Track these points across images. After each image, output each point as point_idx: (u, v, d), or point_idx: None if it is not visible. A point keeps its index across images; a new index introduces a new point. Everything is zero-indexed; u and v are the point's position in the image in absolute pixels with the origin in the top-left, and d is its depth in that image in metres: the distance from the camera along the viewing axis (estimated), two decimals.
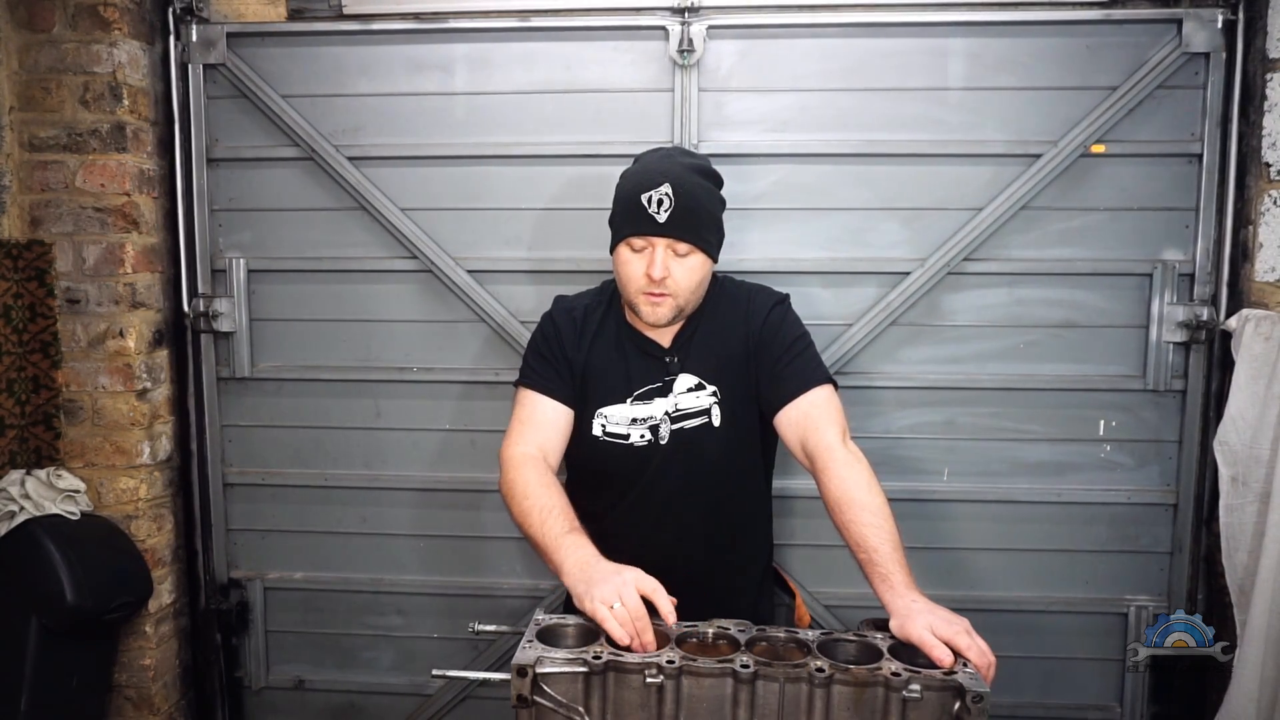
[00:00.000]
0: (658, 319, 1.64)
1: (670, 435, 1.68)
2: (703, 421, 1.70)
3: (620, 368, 1.71)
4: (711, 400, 1.70)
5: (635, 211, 1.60)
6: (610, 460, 1.71)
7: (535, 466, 1.62)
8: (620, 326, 1.75)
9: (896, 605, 1.39)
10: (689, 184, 1.61)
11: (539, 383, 1.72)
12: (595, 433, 1.71)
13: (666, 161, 1.65)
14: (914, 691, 1.21)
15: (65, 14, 2.13)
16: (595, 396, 1.71)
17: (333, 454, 2.39)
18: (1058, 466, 2.26)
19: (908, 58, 2.17)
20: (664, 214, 1.57)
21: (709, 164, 1.72)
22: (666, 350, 1.71)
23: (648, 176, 1.61)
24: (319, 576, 2.43)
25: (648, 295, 1.62)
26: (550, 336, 1.75)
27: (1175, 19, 2.10)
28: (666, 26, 2.18)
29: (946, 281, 2.21)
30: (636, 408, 1.69)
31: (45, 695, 2.08)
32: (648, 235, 1.59)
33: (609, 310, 1.77)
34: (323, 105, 2.27)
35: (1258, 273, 2.06)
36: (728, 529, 1.76)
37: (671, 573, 1.66)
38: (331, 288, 2.34)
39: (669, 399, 1.69)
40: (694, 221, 1.60)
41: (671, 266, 1.60)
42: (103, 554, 2.15)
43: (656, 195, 1.58)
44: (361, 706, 2.47)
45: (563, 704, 1.23)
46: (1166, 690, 2.28)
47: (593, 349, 1.73)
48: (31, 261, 2.17)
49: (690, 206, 1.59)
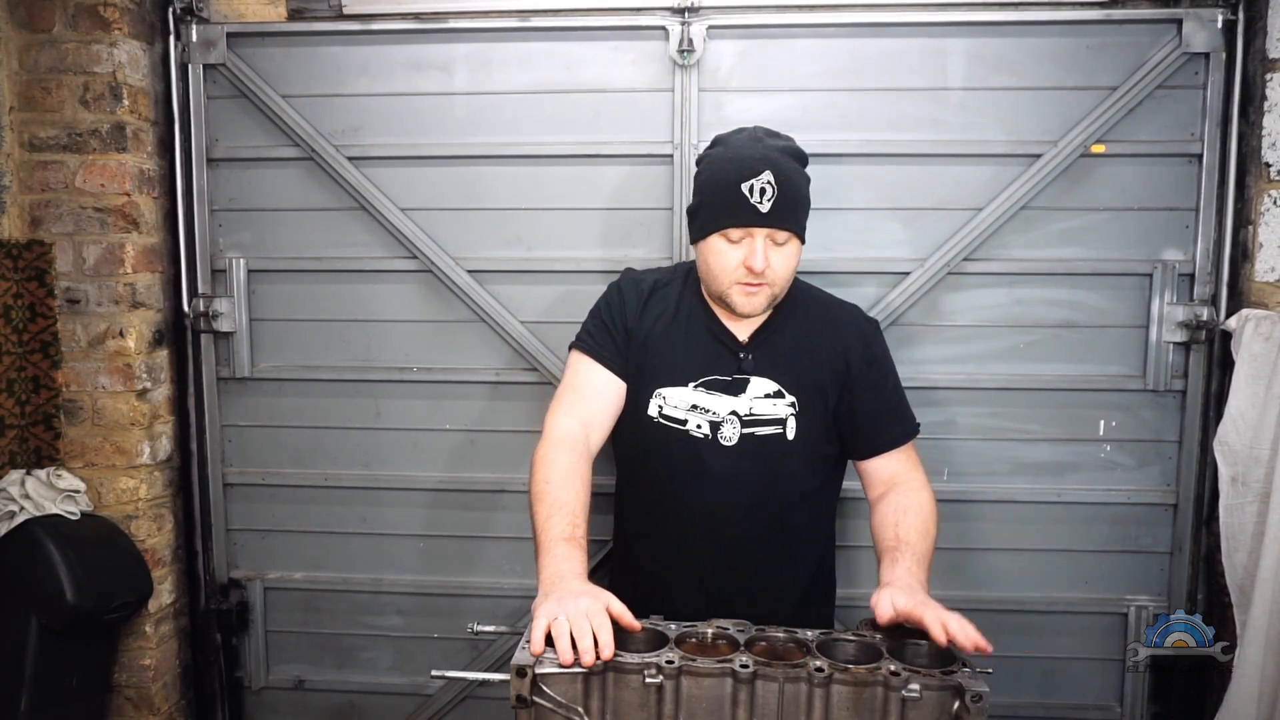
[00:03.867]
0: (755, 309, 1.59)
1: (740, 439, 1.61)
2: (777, 431, 1.63)
3: (686, 349, 1.65)
4: (789, 411, 1.63)
5: (735, 201, 1.52)
6: (663, 446, 1.63)
7: (572, 450, 1.54)
8: (694, 307, 1.68)
9: (885, 577, 1.42)
10: (788, 170, 1.55)
11: (595, 350, 1.65)
12: (650, 413, 1.63)
13: (761, 147, 1.57)
14: (913, 691, 1.21)
15: (65, 14, 2.13)
16: (655, 375, 1.64)
17: (333, 454, 2.39)
18: (1058, 466, 2.26)
19: (908, 58, 2.17)
20: (767, 203, 1.51)
21: (795, 143, 1.65)
22: (742, 346, 1.65)
23: (746, 164, 1.53)
24: (319, 576, 2.43)
25: (744, 285, 1.56)
26: (614, 305, 1.68)
27: (1175, 19, 2.10)
28: (666, 26, 2.18)
29: (947, 281, 2.21)
30: (699, 395, 1.61)
31: (45, 695, 2.08)
32: (750, 226, 1.53)
33: (684, 288, 1.70)
34: (323, 105, 2.27)
35: (1258, 273, 2.06)
36: (780, 544, 1.69)
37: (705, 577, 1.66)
38: (331, 288, 2.34)
39: (742, 399, 1.62)
40: (794, 209, 1.55)
41: (770, 256, 1.55)
42: (103, 554, 2.15)
43: (759, 184, 1.51)
44: (361, 706, 2.47)
45: (562, 704, 1.23)
46: (1166, 690, 2.28)
47: (657, 324, 1.66)
48: (31, 261, 2.17)
49: (792, 194, 1.54)
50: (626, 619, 1.31)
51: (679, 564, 1.67)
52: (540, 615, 1.26)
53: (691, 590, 1.64)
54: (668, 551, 1.67)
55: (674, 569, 1.66)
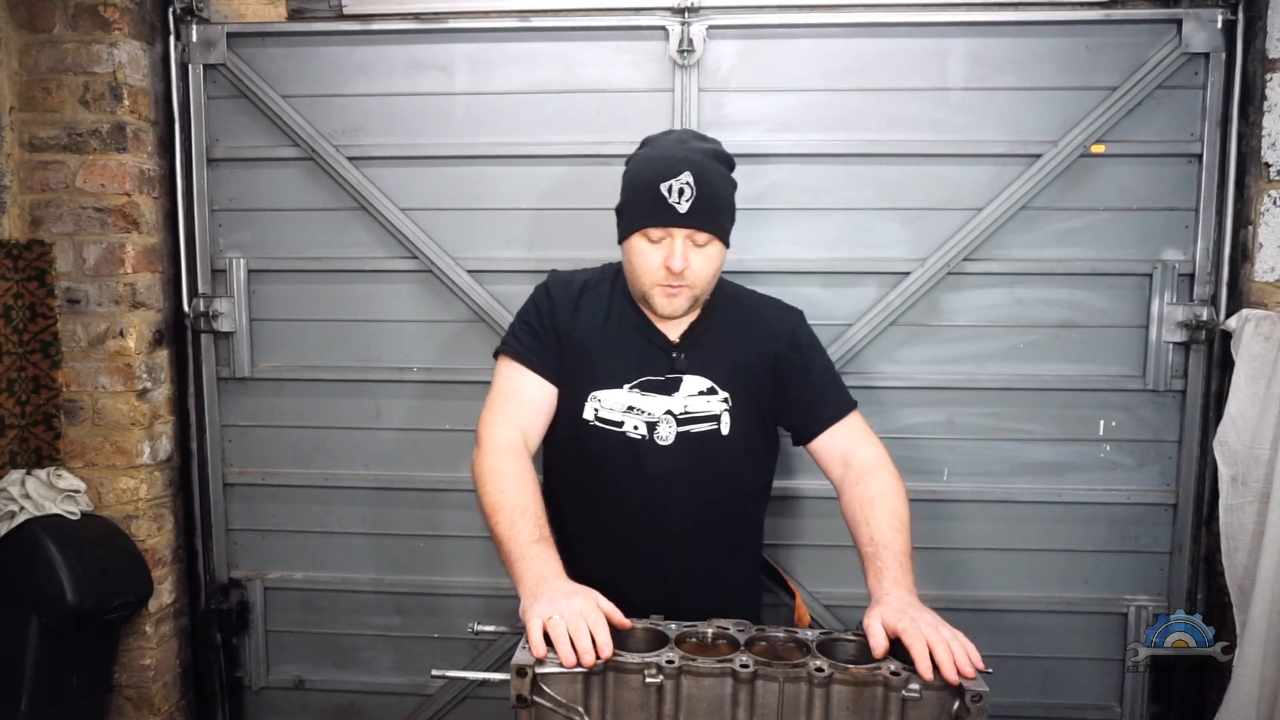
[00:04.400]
0: (675, 310, 1.59)
1: (676, 438, 1.62)
2: (711, 428, 1.64)
3: (620, 351, 1.64)
4: (723, 407, 1.65)
5: (654, 201, 1.53)
6: (602, 448, 1.63)
7: (516, 457, 1.53)
8: (625, 309, 1.67)
9: (874, 592, 1.40)
10: (709, 171, 1.55)
11: (525, 356, 1.63)
12: (586, 416, 1.63)
13: (683, 148, 1.58)
14: (913, 691, 1.21)
15: (65, 14, 2.13)
16: (590, 378, 1.63)
17: (333, 454, 2.39)
18: (1058, 466, 2.26)
19: (908, 58, 2.17)
20: (685, 204, 1.51)
21: (722, 147, 1.65)
22: (674, 345, 1.65)
23: (666, 164, 1.54)
24: (319, 576, 2.43)
25: (665, 287, 1.57)
26: (543, 308, 1.66)
27: (1175, 19, 2.10)
28: (666, 26, 2.18)
29: (946, 281, 2.21)
30: (635, 396, 1.62)
31: (45, 695, 2.08)
32: (668, 226, 1.53)
33: (613, 289, 1.69)
34: (323, 105, 2.27)
35: (1257, 273, 2.06)
36: (724, 537, 1.71)
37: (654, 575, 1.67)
38: (331, 288, 2.34)
39: (676, 398, 1.63)
40: (714, 211, 1.55)
41: (690, 257, 1.54)
42: (103, 554, 2.15)
43: (677, 184, 1.51)
44: (361, 706, 2.47)
45: (562, 704, 1.23)
46: (1166, 690, 2.28)
47: (589, 326, 1.65)
48: (32, 261, 2.17)
49: (711, 196, 1.53)
50: (617, 617, 1.31)
51: (626, 563, 1.66)
52: (534, 616, 1.26)
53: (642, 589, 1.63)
54: (613, 552, 1.67)
55: (621, 569, 1.65)
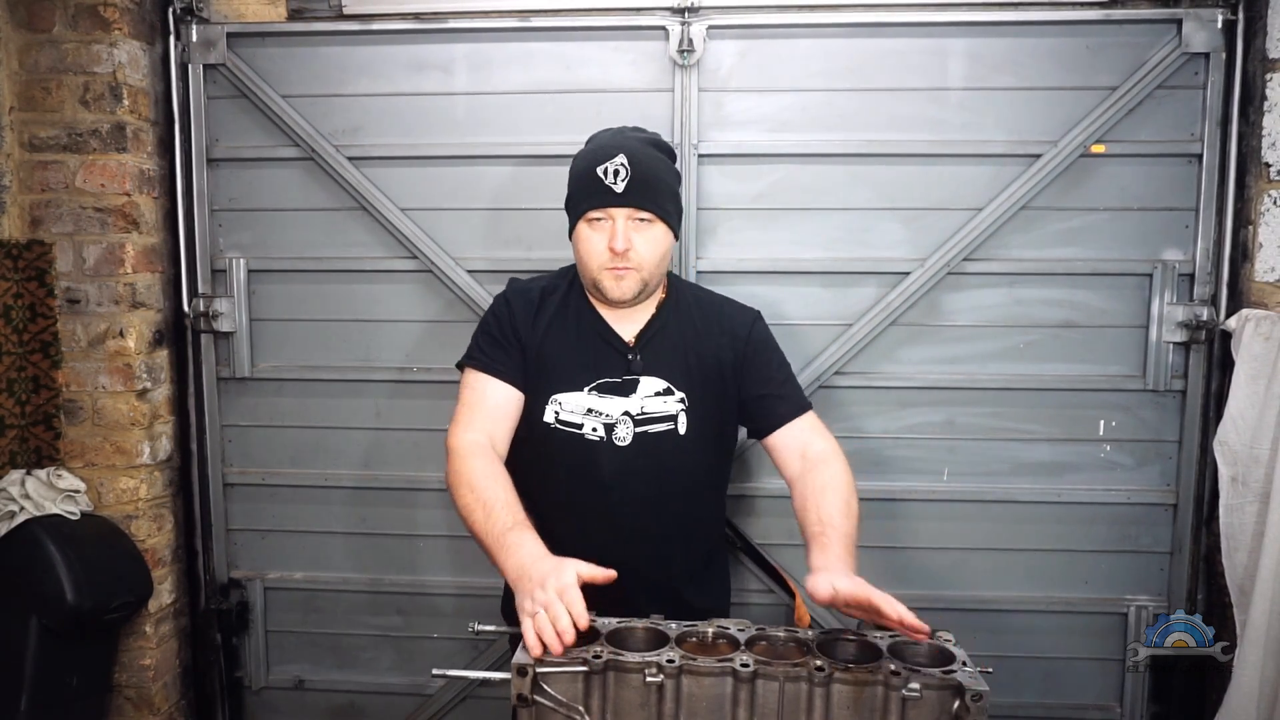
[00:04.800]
0: (623, 294, 1.62)
1: (634, 438, 1.64)
2: (668, 428, 1.66)
3: (578, 354, 1.67)
4: (679, 407, 1.67)
5: (591, 185, 1.59)
6: (562, 450, 1.65)
7: (483, 455, 1.55)
8: (582, 312, 1.70)
9: (816, 564, 1.41)
10: (644, 154, 1.61)
11: (488, 365, 1.66)
12: (547, 419, 1.65)
13: (619, 137, 1.66)
14: (913, 690, 1.21)
15: (65, 14, 2.13)
16: (550, 382, 1.66)
17: (333, 454, 2.39)
18: (1058, 466, 2.26)
19: (908, 58, 2.17)
20: (621, 183, 1.57)
21: (662, 139, 1.73)
22: (630, 347, 1.68)
23: (601, 151, 1.61)
24: (319, 576, 2.43)
25: (611, 270, 1.60)
26: (503, 317, 1.69)
27: (1175, 19, 2.10)
28: (666, 26, 2.18)
29: (946, 281, 2.21)
30: (593, 398, 1.64)
31: (45, 695, 2.08)
32: (606, 207, 1.58)
33: (569, 293, 1.72)
34: (323, 105, 2.27)
35: (1258, 273, 2.06)
36: (682, 534, 1.72)
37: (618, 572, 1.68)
38: (331, 288, 2.34)
39: (633, 400, 1.64)
40: (651, 191, 1.60)
41: (633, 238, 1.59)
42: (103, 554, 2.15)
43: (612, 166, 1.57)
44: (361, 706, 2.47)
45: (563, 703, 1.23)
46: (1166, 690, 2.28)
47: (549, 332, 1.68)
48: (31, 261, 2.17)
49: (646, 176, 1.59)
50: (599, 577, 1.31)
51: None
52: (523, 617, 1.27)
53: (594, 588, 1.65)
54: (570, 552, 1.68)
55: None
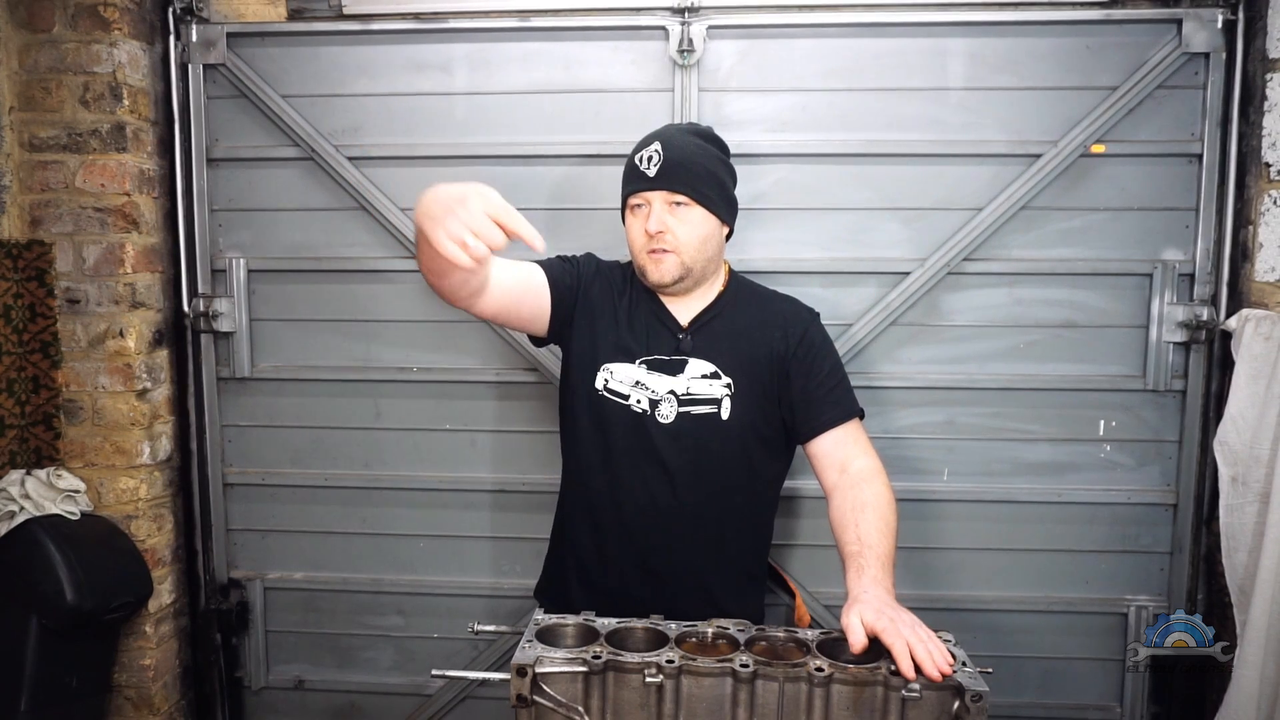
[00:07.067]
0: (662, 276, 1.67)
1: (676, 417, 1.68)
2: (711, 411, 1.69)
3: (631, 328, 1.73)
4: (725, 392, 1.70)
5: (630, 173, 1.69)
6: (607, 418, 1.71)
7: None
8: (640, 292, 1.77)
9: (853, 589, 1.41)
10: (679, 141, 1.67)
11: (545, 264, 1.72)
12: (597, 385, 1.71)
13: (663, 129, 1.74)
14: (913, 691, 1.21)
15: (65, 14, 2.13)
16: (603, 352, 1.72)
17: (333, 454, 2.39)
18: (1058, 466, 2.26)
19: (908, 58, 2.17)
20: (654, 168, 1.64)
21: (711, 131, 1.77)
22: (682, 328, 1.73)
23: (642, 142, 1.71)
24: (319, 576, 2.43)
25: (651, 253, 1.67)
26: (580, 263, 1.79)
27: (1175, 19, 2.10)
28: (666, 26, 2.18)
29: (946, 281, 2.21)
30: (643, 372, 1.70)
31: (45, 695, 2.08)
32: (641, 191, 1.66)
33: (628, 273, 1.81)
34: (323, 105, 2.27)
35: (1258, 273, 2.06)
36: (717, 524, 1.73)
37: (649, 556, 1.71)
38: (331, 287, 2.34)
39: (680, 379, 1.69)
40: (684, 174, 1.64)
41: (668, 220, 1.65)
42: (103, 554, 2.15)
43: (647, 153, 1.66)
44: (361, 706, 2.47)
45: (562, 703, 1.23)
46: (1166, 690, 2.28)
47: (606, 300, 1.76)
48: (31, 261, 2.17)
49: (679, 160, 1.64)
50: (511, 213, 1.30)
51: (612, 538, 1.73)
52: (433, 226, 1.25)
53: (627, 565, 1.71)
54: (604, 524, 1.74)
55: (606, 543, 1.73)
